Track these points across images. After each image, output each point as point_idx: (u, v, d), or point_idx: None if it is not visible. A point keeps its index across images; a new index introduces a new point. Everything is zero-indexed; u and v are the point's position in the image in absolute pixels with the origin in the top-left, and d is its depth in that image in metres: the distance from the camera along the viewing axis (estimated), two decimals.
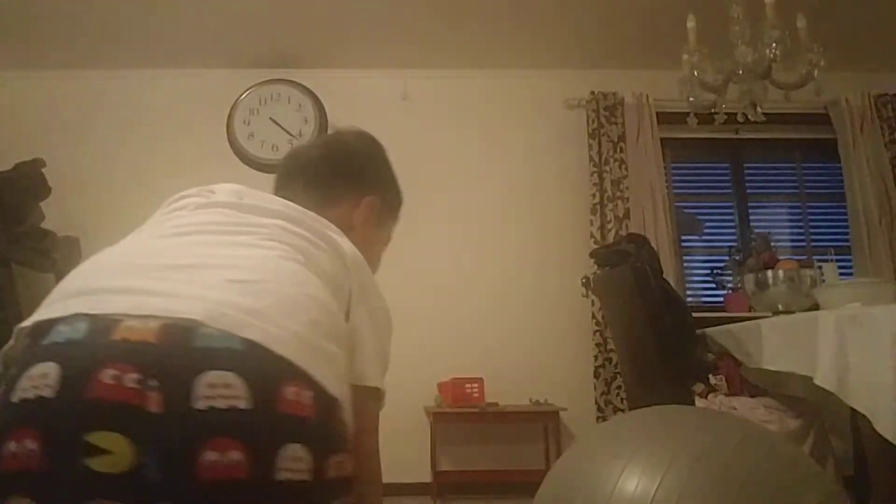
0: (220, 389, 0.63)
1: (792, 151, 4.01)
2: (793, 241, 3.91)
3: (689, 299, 3.76)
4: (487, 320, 3.64)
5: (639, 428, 1.08)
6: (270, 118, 3.78)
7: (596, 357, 3.51)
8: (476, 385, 3.30)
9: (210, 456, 0.60)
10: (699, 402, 2.39)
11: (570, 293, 3.60)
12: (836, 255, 3.26)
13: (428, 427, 3.32)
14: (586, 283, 3.50)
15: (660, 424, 1.08)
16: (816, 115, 3.76)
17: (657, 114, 3.73)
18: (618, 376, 3.41)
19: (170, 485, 0.60)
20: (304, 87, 3.83)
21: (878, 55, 3.71)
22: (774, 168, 4.03)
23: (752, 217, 3.92)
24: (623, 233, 3.53)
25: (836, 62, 2.65)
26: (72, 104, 3.84)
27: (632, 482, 0.94)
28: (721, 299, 3.70)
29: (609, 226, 3.61)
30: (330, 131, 1.41)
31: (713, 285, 3.79)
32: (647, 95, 3.74)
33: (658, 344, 2.29)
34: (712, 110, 2.71)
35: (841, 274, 2.90)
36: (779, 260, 2.73)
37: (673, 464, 0.94)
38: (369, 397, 0.86)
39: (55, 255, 3.26)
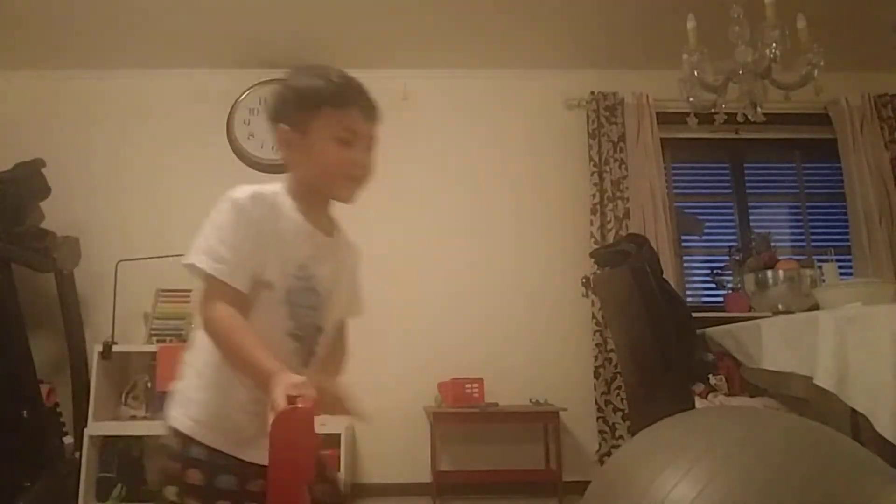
0: None
1: (792, 151, 4.01)
2: (793, 241, 3.90)
3: (689, 299, 3.75)
4: (487, 320, 3.64)
5: (703, 435, 0.98)
6: None
7: (596, 357, 3.51)
8: (476, 385, 3.30)
9: None
10: (699, 402, 2.39)
11: (570, 293, 3.60)
12: (836, 255, 3.26)
13: (428, 427, 3.32)
14: (586, 283, 3.50)
15: (728, 433, 0.96)
16: (816, 115, 3.76)
17: (657, 114, 3.73)
18: (618, 376, 3.41)
19: None
20: None
21: (878, 55, 3.70)
22: (774, 168, 4.03)
23: (752, 217, 3.92)
24: (623, 233, 3.53)
25: (836, 62, 2.65)
26: (72, 104, 3.84)
27: (686, 496, 0.85)
28: (721, 299, 3.70)
29: (609, 226, 3.61)
30: None
31: (713, 285, 3.79)
32: (647, 95, 3.74)
33: (658, 344, 2.29)
34: (712, 110, 2.71)
35: (841, 274, 2.90)
36: (779, 260, 2.73)
37: (742, 485, 0.84)
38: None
39: (55, 255, 3.26)
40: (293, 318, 1.14)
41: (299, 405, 0.91)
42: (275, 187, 1.20)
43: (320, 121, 1.15)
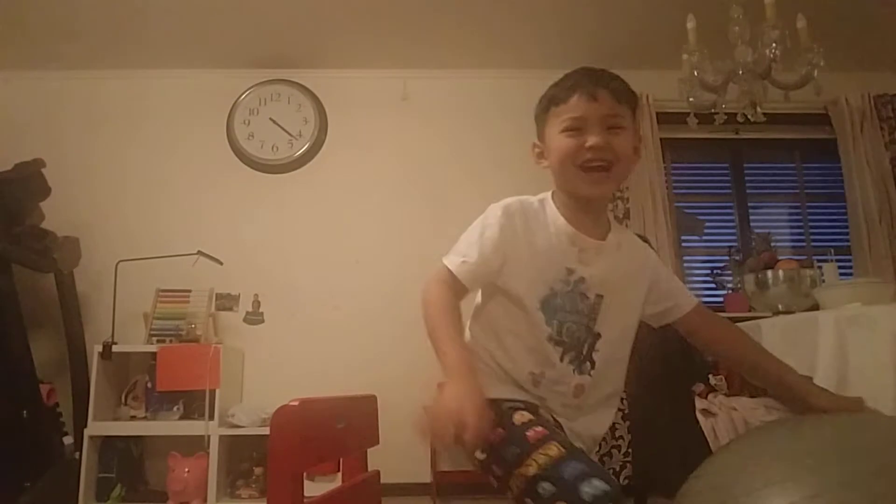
0: None
1: (792, 151, 4.01)
2: (793, 241, 3.90)
3: None
4: None
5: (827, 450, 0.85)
6: (270, 118, 3.78)
7: None
8: None
9: None
10: (699, 402, 2.39)
11: None
12: (836, 255, 3.26)
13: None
14: None
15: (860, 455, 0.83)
16: (816, 115, 3.76)
17: (657, 114, 3.73)
18: None
19: None
20: (304, 87, 3.83)
21: (878, 55, 3.70)
22: (774, 168, 4.03)
23: (752, 217, 3.92)
24: None
25: (836, 62, 2.65)
26: (72, 104, 3.84)
27: None
28: (721, 299, 3.69)
29: None
30: None
31: (713, 285, 3.79)
32: (647, 95, 3.74)
33: (658, 344, 2.29)
34: (712, 110, 2.71)
35: (841, 274, 2.90)
36: (779, 260, 2.72)
37: None
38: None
39: (55, 255, 3.26)
40: (551, 324, 1.12)
41: (294, 403, 0.93)
42: (545, 195, 1.23)
43: (550, 121, 1.18)
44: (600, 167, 1.12)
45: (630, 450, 3.32)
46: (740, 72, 2.51)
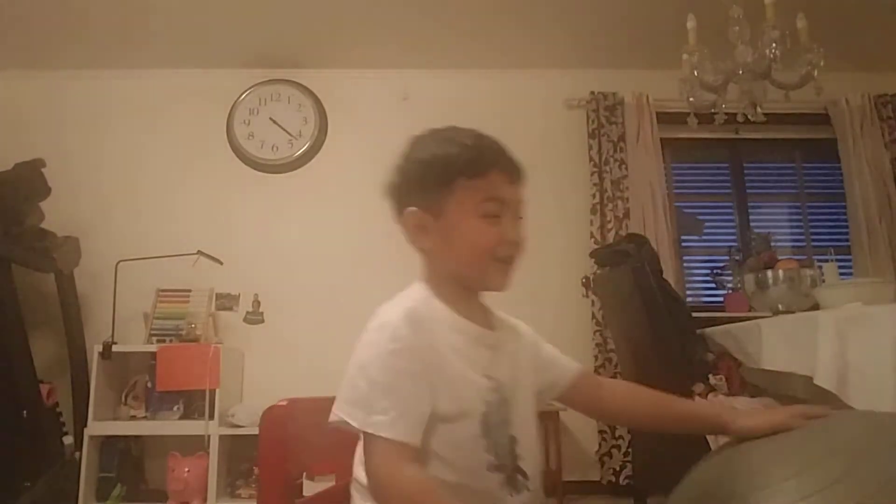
0: None
1: (792, 151, 4.01)
2: (793, 241, 3.90)
3: (689, 299, 3.75)
4: None
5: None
6: (270, 118, 3.78)
7: (596, 357, 3.51)
8: None
9: None
10: (699, 401, 2.39)
11: (570, 293, 3.60)
12: (836, 255, 3.26)
13: None
14: (586, 283, 3.50)
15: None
16: (816, 115, 3.76)
17: (657, 114, 3.73)
18: (618, 376, 3.40)
19: None
20: (304, 87, 3.83)
21: (878, 55, 3.71)
22: (774, 168, 4.03)
23: (752, 217, 3.92)
24: (623, 233, 3.53)
25: (836, 62, 2.65)
26: (72, 104, 3.84)
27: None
28: (721, 299, 3.69)
29: (609, 226, 3.61)
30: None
31: (713, 285, 3.79)
32: (647, 95, 3.74)
33: (658, 344, 2.29)
34: (712, 110, 2.71)
35: (841, 274, 2.89)
36: (779, 260, 2.72)
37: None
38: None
39: (55, 255, 3.26)
40: (493, 449, 0.90)
41: (283, 403, 0.92)
42: (420, 292, 0.99)
43: (456, 195, 0.94)
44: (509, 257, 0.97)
45: (630, 450, 3.32)
46: (740, 72, 2.51)
